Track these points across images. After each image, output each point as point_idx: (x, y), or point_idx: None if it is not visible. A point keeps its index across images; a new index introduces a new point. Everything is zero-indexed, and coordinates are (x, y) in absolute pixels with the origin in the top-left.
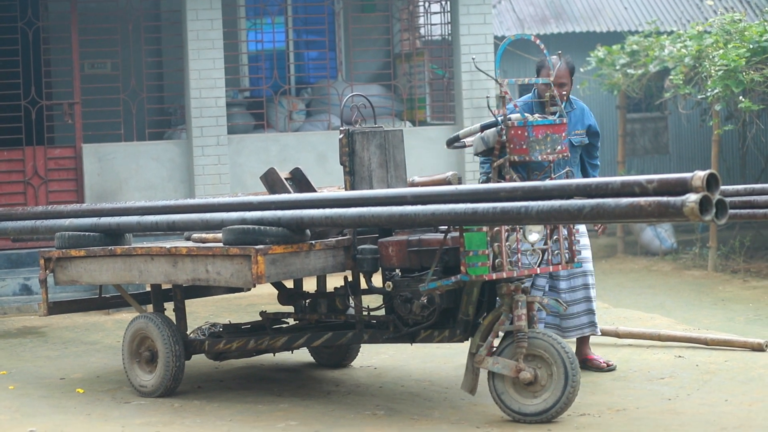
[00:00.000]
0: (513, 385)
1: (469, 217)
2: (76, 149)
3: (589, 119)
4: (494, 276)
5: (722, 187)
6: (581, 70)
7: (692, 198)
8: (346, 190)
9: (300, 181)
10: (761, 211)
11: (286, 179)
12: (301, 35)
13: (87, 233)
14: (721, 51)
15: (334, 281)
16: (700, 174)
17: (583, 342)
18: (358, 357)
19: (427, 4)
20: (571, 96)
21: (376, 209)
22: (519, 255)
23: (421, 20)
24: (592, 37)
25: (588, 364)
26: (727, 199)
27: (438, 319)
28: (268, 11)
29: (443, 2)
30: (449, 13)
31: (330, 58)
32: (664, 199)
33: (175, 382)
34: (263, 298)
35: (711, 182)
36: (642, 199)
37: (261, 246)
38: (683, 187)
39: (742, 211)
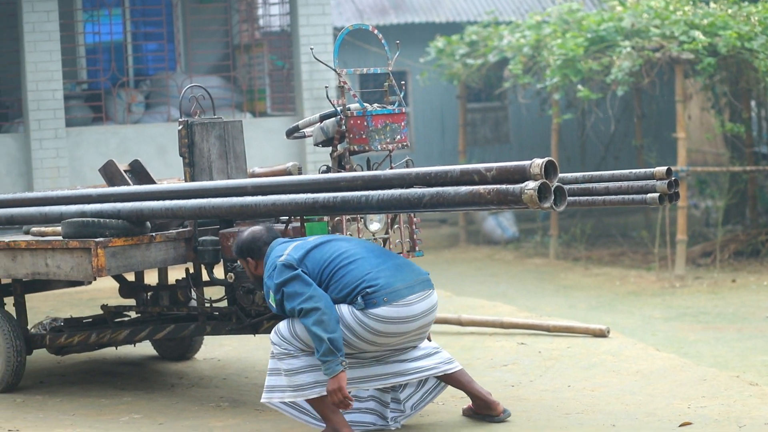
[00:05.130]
0: None
1: (309, 207)
2: None
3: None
4: None
5: (561, 175)
6: (421, 60)
7: (531, 185)
8: (186, 181)
9: (139, 173)
10: (600, 198)
11: (125, 171)
12: (139, 27)
13: None
14: (559, 40)
15: (175, 273)
16: (538, 161)
17: None
18: (202, 349)
19: None
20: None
21: (217, 200)
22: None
23: (260, 11)
24: (432, 28)
25: None
26: (566, 187)
27: None
28: (105, 3)
29: None
30: (288, 4)
31: (168, 49)
32: (503, 186)
33: (16, 377)
34: (104, 291)
35: (549, 169)
36: (481, 187)
37: (101, 239)
38: (522, 175)
39: (582, 198)
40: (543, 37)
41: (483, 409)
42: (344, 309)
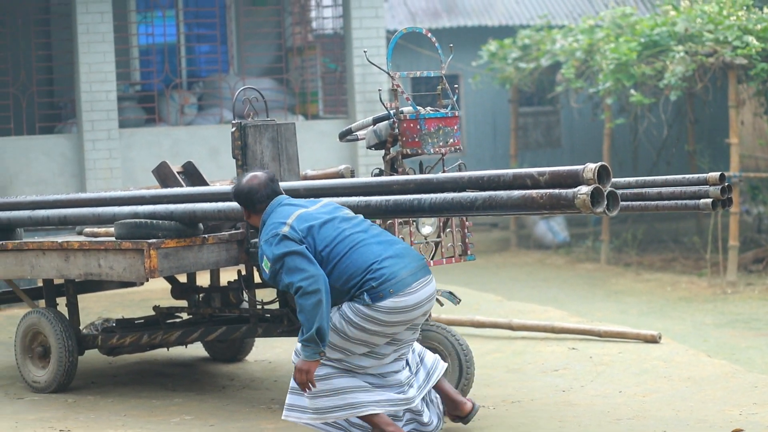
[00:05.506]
0: None
1: (362, 210)
2: None
3: None
4: None
5: (614, 180)
6: (473, 63)
7: (584, 190)
8: None
9: (192, 174)
10: (653, 203)
11: (178, 173)
12: (192, 29)
13: None
14: (612, 45)
15: (227, 275)
16: (591, 166)
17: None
18: (253, 351)
19: None
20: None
21: None
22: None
23: (313, 14)
24: (484, 31)
25: None
26: (619, 192)
27: None
28: (158, 4)
29: None
30: (341, 7)
31: (221, 51)
32: (556, 191)
33: (68, 377)
34: (156, 292)
35: (602, 174)
36: (534, 191)
37: (154, 240)
38: (575, 180)
39: (634, 203)
40: (596, 42)
41: (452, 409)
42: (348, 311)
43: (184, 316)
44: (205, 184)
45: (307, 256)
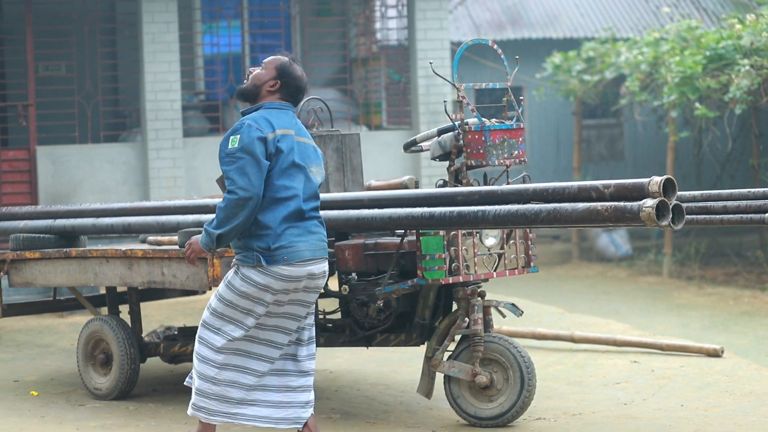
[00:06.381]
0: (469, 389)
1: (425, 221)
2: (30, 151)
3: None
4: (450, 280)
5: (679, 193)
6: (537, 76)
7: (649, 203)
8: None
9: None
10: (717, 217)
11: None
12: (257, 39)
13: (42, 235)
14: (677, 58)
15: None
16: (657, 179)
17: None
18: None
19: (383, 8)
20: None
21: (333, 213)
22: (475, 259)
23: (378, 25)
24: (549, 44)
25: None
26: (684, 205)
27: (394, 323)
28: (224, 15)
29: (400, 7)
30: (406, 18)
31: None
32: (621, 204)
33: (129, 384)
34: None
35: (668, 187)
36: (599, 204)
37: (217, 249)
38: (640, 193)
39: (699, 216)
40: (661, 54)
41: None
42: (235, 279)
43: None
44: None
45: (263, 173)
